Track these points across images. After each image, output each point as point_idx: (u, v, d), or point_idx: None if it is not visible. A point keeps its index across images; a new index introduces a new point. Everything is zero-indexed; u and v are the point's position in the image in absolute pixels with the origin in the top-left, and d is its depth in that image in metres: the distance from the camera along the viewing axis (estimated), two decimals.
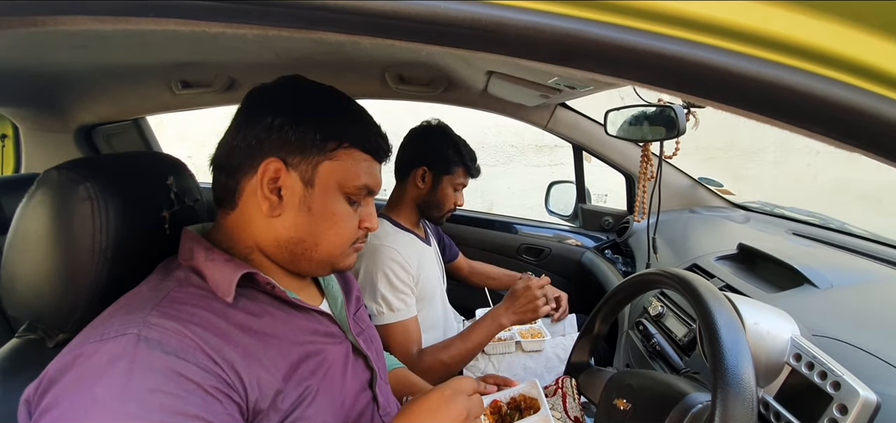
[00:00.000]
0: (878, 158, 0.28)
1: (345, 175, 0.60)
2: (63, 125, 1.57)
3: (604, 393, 0.73)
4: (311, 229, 0.59)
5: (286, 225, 0.59)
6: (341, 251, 0.63)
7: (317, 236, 0.60)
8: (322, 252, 0.61)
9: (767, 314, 0.65)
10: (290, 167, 0.57)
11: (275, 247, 0.60)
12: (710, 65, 0.27)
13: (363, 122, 0.64)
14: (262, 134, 0.57)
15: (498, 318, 1.14)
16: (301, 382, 0.56)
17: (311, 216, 0.59)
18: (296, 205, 0.58)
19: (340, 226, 0.61)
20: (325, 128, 0.59)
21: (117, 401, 0.42)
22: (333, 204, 0.60)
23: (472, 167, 1.31)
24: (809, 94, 0.26)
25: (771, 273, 1.02)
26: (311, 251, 0.60)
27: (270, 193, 0.57)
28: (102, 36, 0.97)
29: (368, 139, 0.63)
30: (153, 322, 0.47)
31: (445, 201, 1.28)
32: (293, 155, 0.57)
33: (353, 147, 0.60)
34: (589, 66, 0.28)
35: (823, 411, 0.55)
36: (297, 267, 0.62)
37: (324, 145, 0.58)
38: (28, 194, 0.54)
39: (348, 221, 0.62)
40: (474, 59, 1.14)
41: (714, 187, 1.65)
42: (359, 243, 0.66)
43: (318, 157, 0.58)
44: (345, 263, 0.65)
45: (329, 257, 0.62)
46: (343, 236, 0.62)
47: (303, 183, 0.58)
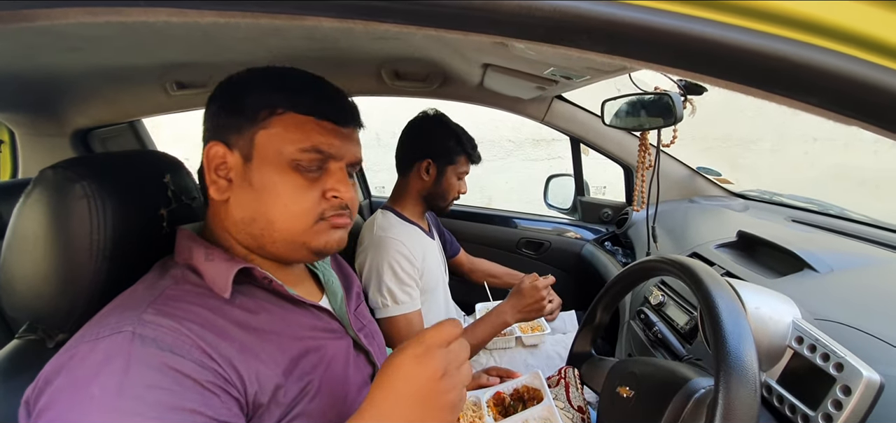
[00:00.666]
0: (875, 129, 0.28)
1: (282, 141, 0.56)
2: (59, 129, 1.57)
3: (607, 382, 0.73)
4: (258, 205, 0.56)
5: (236, 205, 0.57)
6: (303, 227, 0.57)
7: (266, 212, 0.56)
8: (281, 231, 0.57)
9: (768, 299, 0.65)
10: (233, 148, 0.57)
11: (238, 232, 0.58)
12: (706, 39, 0.27)
13: (299, 85, 0.59)
14: (208, 123, 0.59)
15: (502, 315, 1.15)
16: (302, 376, 0.56)
17: (254, 191, 0.56)
18: (239, 183, 0.57)
19: (287, 198, 0.56)
20: (257, 99, 0.57)
21: (114, 399, 0.41)
22: (274, 175, 0.56)
23: (474, 154, 1.31)
24: (806, 65, 0.26)
25: (771, 259, 1.02)
26: (268, 231, 0.57)
27: (219, 178, 0.57)
28: (96, 37, 0.97)
29: (301, 100, 0.57)
30: (148, 320, 0.47)
31: (450, 191, 1.29)
32: (231, 134, 0.57)
33: (288, 111, 0.57)
34: (584, 45, 0.27)
35: (827, 392, 0.55)
36: (267, 252, 0.59)
37: (255, 116, 0.56)
38: (24, 194, 0.53)
39: (298, 193, 0.56)
40: (470, 53, 1.14)
41: (712, 177, 1.65)
42: (333, 218, 0.59)
43: (252, 128, 0.56)
44: (318, 242, 0.58)
45: (292, 235, 0.57)
46: (295, 209, 0.56)
47: (242, 158, 0.57)
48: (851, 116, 0.27)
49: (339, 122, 0.60)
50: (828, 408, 0.53)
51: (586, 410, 0.78)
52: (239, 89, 0.59)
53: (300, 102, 0.57)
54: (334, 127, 0.59)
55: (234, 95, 0.58)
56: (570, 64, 0.93)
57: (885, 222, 1.11)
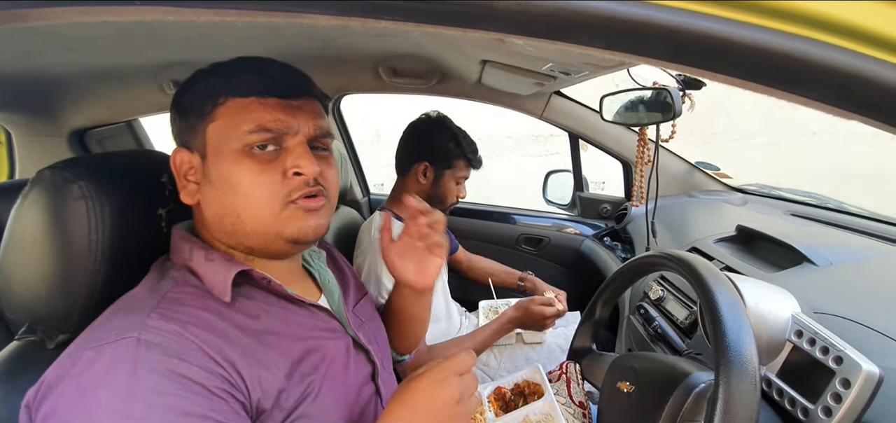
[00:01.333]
0: (875, 123, 0.28)
1: (228, 129, 0.54)
2: (56, 130, 1.56)
3: (607, 377, 0.73)
4: (221, 200, 0.55)
5: (206, 205, 0.57)
6: (270, 214, 0.55)
7: (230, 205, 0.55)
8: (250, 221, 0.55)
9: (768, 293, 0.65)
10: (193, 150, 0.56)
11: (217, 232, 0.58)
12: (706, 34, 0.27)
13: (239, 67, 0.56)
14: (172, 132, 0.59)
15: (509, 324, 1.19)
16: (304, 378, 0.56)
17: (214, 187, 0.55)
18: (202, 182, 0.56)
19: (246, 186, 0.54)
20: (199, 94, 0.56)
21: (122, 405, 0.41)
22: (228, 166, 0.54)
23: (474, 159, 1.30)
24: (805, 60, 0.26)
25: (770, 253, 1.03)
26: (239, 225, 0.55)
27: (187, 182, 0.57)
28: (92, 37, 0.96)
29: (239, 82, 0.54)
30: (152, 325, 0.46)
31: (448, 195, 1.28)
32: (188, 137, 0.56)
33: (230, 97, 0.54)
34: (583, 40, 0.27)
35: (826, 386, 0.55)
36: (246, 246, 0.58)
37: (201, 111, 0.55)
38: (22, 195, 0.53)
39: (255, 177, 0.54)
40: (468, 49, 1.13)
41: (711, 171, 1.65)
42: (304, 199, 0.56)
43: (201, 125, 0.55)
44: (290, 229, 0.56)
45: (262, 225, 0.55)
46: (255, 195, 0.54)
47: (200, 158, 0.56)
48: (851, 111, 0.27)
49: (285, 95, 0.56)
50: (827, 401, 0.54)
51: (587, 405, 0.78)
52: (185, 90, 0.58)
53: (239, 84, 0.54)
54: (280, 101, 0.56)
55: (181, 97, 0.58)
56: (569, 59, 0.93)
57: (884, 215, 1.12)
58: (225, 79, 0.55)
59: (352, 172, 1.92)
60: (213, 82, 0.55)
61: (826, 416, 0.53)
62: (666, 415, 0.58)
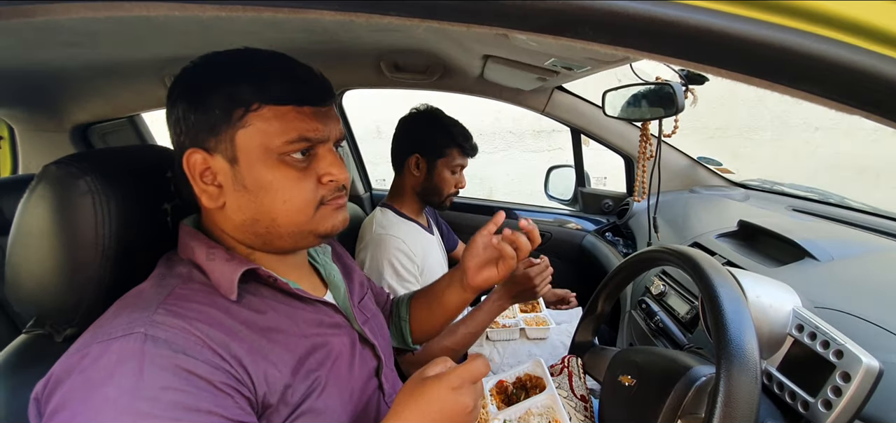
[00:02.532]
0: (878, 118, 0.28)
1: (265, 138, 0.53)
2: (58, 125, 1.56)
3: (609, 371, 0.74)
4: (256, 205, 0.55)
5: (234, 210, 0.56)
6: (307, 217, 0.57)
7: (267, 210, 0.55)
8: (286, 225, 0.56)
9: (769, 287, 0.65)
10: (213, 153, 0.54)
11: (241, 234, 0.57)
12: (710, 29, 0.27)
13: (265, 75, 0.55)
14: (176, 129, 0.55)
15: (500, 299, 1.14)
16: (309, 374, 0.56)
17: (249, 193, 0.54)
18: (231, 187, 0.55)
19: (286, 192, 0.55)
20: (225, 98, 0.53)
21: (130, 400, 0.42)
22: (267, 173, 0.54)
23: (466, 146, 1.28)
24: (809, 55, 0.26)
25: (772, 248, 1.03)
26: (274, 227, 0.56)
27: (207, 185, 0.55)
28: (94, 32, 0.96)
29: (274, 90, 0.54)
30: (159, 321, 0.47)
31: (444, 186, 1.27)
32: (207, 138, 0.54)
33: (262, 106, 0.53)
34: (587, 35, 0.27)
35: (826, 379, 0.55)
36: (275, 247, 0.59)
37: (229, 117, 0.53)
38: (29, 190, 0.53)
39: (293, 184, 0.55)
40: (470, 44, 1.13)
41: (713, 167, 1.65)
42: (332, 201, 0.59)
43: (229, 130, 0.53)
44: (324, 227, 0.58)
45: (298, 227, 0.57)
46: (295, 201, 0.55)
47: (228, 162, 0.54)
48: (855, 107, 0.27)
49: (317, 103, 0.57)
50: (827, 394, 0.54)
51: (589, 399, 0.79)
52: (203, 87, 0.54)
53: (273, 92, 0.54)
54: (314, 110, 0.56)
55: (199, 94, 0.54)
56: (571, 54, 0.93)
57: (885, 210, 1.12)
58: (254, 83, 0.53)
59: (354, 167, 1.92)
60: (240, 84, 0.53)
61: (826, 409, 0.54)
62: (667, 408, 0.59)
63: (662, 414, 0.59)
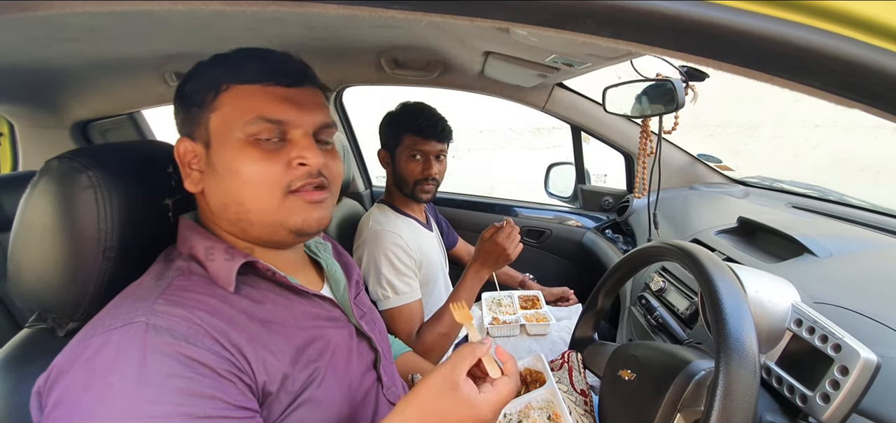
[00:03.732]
0: (878, 112, 0.28)
1: (232, 118, 0.54)
2: (59, 121, 1.57)
3: (609, 365, 0.74)
4: (224, 188, 0.55)
5: (210, 194, 0.57)
6: (273, 204, 0.55)
7: (234, 193, 0.55)
8: (256, 213, 0.55)
9: (768, 282, 0.66)
10: (196, 140, 0.57)
11: (222, 221, 0.58)
12: (711, 22, 0.27)
13: (241, 55, 0.57)
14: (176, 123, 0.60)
15: (477, 272, 1.13)
16: (309, 364, 0.57)
17: (219, 175, 0.55)
18: (207, 171, 0.57)
19: (249, 174, 0.54)
20: (201, 84, 0.56)
21: (134, 388, 0.42)
22: (232, 154, 0.54)
23: (420, 126, 1.23)
24: (810, 48, 0.26)
25: (771, 245, 1.03)
26: (243, 214, 0.56)
27: (191, 171, 0.58)
28: (95, 27, 0.96)
29: (244, 71, 0.54)
30: (160, 310, 0.47)
31: (407, 173, 1.25)
32: (192, 127, 0.57)
33: (232, 85, 0.54)
34: (588, 29, 0.28)
35: (825, 373, 0.56)
36: (251, 236, 0.58)
37: (203, 101, 0.56)
38: (31, 185, 0.54)
39: (258, 166, 0.54)
40: (471, 40, 1.13)
41: (713, 164, 1.66)
42: (307, 191, 0.57)
43: (204, 114, 0.56)
44: (294, 220, 0.56)
45: (265, 214, 0.56)
46: (258, 184, 0.54)
47: (204, 146, 0.57)
48: (853, 100, 0.27)
49: (287, 83, 0.56)
50: (825, 388, 0.54)
51: (589, 393, 0.79)
52: (187, 80, 0.58)
53: (241, 72, 0.55)
54: (284, 91, 0.56)
55: (184, 87, 0.58)
56: (572, 50, 0.93)
57: (885, 207, 1.12)
58: (227, 67, 0.56)
59: (354, 164, 1.92)
60: (215, 72, 0.56)
61: (824, 402, 0.54)
62: (667, 402, 0.59)
63: (662, 408, 0.59)
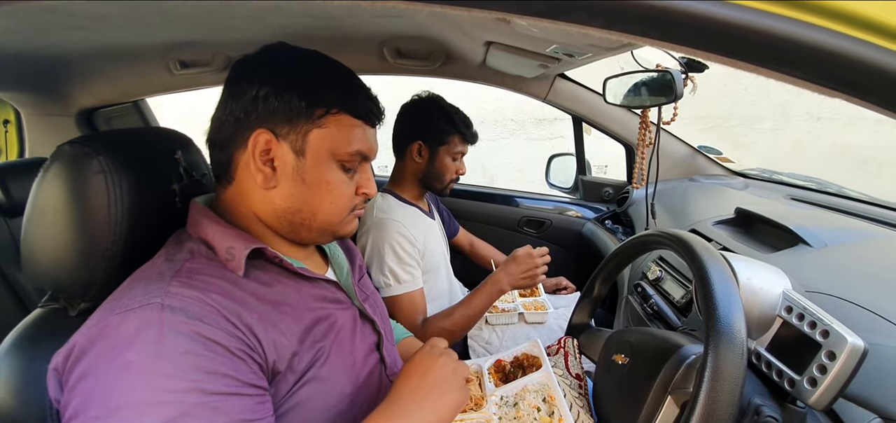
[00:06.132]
0: (861, 102, 0.30)
1: (335, 142, 0.60)
2: (64, 109, 1.58)
3: (603, 350, 0.76)
4: (307, 198, 0.60)
5: (282, 196, 0.59)
6: (340, 219, 0.64)
7: (313, 205, 0.61)
8: (321, 221, 0.62)
9: (761, 271, 0.67)
10: (280, 138, 0.58)
11: (274, 218, 0.61)
12: (701, 15, 0.28)
13: (351, 86, 0.62)
14: (249, 106, 0.57)
15: (498, 283, 1.17)
16: (314, 344, 0.59)
17: (306, 186, 0.59)
18: (289, 176, 0.59)
19: (336, 194, 0.61)
20: (311, 95, 0.58)
21: (152, 364, 0.44)
22: (327, 173, 0.60)
23: (468, 133, 1.30)
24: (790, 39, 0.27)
25: (767, 235, 1.04)
26: (309, 221, 0.61)
27: (263, 166, 0.58)
28: (100, 16, 0.98)
29: (357, 103, 0.61)
30: (174, 291, 0.49)
31: (445, 172, 1.29)
32: (281, 125, 0.57)
33: (341, 113, 0.60)
34: (581, 19, 0.29)
35: (813, 358, 0.57)
36: (297, 236, 0.64)
37: (310, 113, 0.58)
38: (43, 169, 0.55)
39: (344, 188, 0.62)
40: (473, 31, 1.14)
41: (713, 155, 1.66)
42: (358, 210, 0.66)
43: (306, 125, 0.58)
44: (345, 229, 0.66)
45: (328, 226, 0.63)
46: (339, 203, 0.62)
47: (294, 153, 0.58)
48: (832, 88, 0.29)
49: (374, 125, 0.65)
50: (813, 372, 0.56)
51: (584, 378, 0.81)
52: (292, 77, 0.58)
53: (353, 105, 0.61)
54: (373, 131, 0.65)
55: (286, 83, 0.58)
56: (572, 41, 0.94)
57: (883, 199, 1.13)
58: (340, 91, 0.61)
59: None
60: (329, 88, 0.60)
61: (811, 386, 0.56)
62: (658, 384, 0.61)
63: (653, 390, 0.61)
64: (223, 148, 0.60)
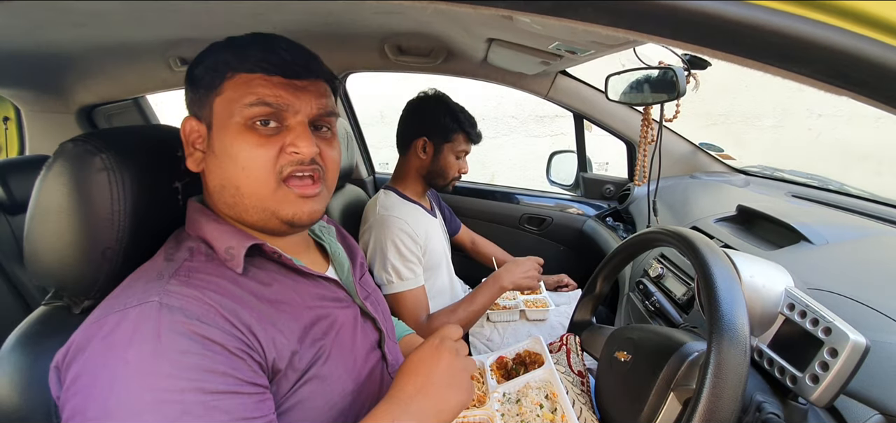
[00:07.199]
0: (864, 99, 0.30)
1: (233, 102, 0.56)
2: (64, 106, 1.58)
3: (605, 347, 0.76)
4: (223, 170, 0.57)
5: (209, 175, 0.59)
6: (267, 191, 0.57)
7: (230, 176, 0.57)
8: (248, 196, 0.57)
9: (763, 267, 0.67)
10: (201, 120, 0.59)
11: (219, 203, 0.60)
12: (704, 12, 0.28)
13: (248, 41, 0.58)
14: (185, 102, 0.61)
15: (499, 281, 1.19)
16: (315, 342, 0.59)
17: (217, 158, 0.57)
18: (208, 152, 0.59)
19: (244, 158, 0.55)
20: (211, 67, 0.58)
21: (150, 363, 0.44)
22: (230, 138, 0.56)
23: (472, 133, 1.31)
24: (799, 37, 0.27)
25: (769, 233, 1.04)
26: (238, 197, 0.57)
27: (194, 150, 0.59)
28: (100, 12, 0.97)
29: (250, 57, 0.56)
30: (172, 290, 0.49)
31: (449, 170, 1.29)
32: (198, 107, 0.59)
33: (237, 72, 0.56)
34: (587, 16, 0.29)
35: (815, 355, 0.57)
36: (243, 220, 0.59)
37: (211, 83, 0.58)
38: (46, 167, 0.55)
39: (252, 150, 0.55)
40: (475, 27, 1.13)
41: (714, 153, 1.66)
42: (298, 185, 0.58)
43: (209, 96, 0.58)
44: (285, 211, 0.58)
45: (260, 201, 0.57)
46: (252, 168, 0.56)
47: (206, 128, 0.59)
48: (841, 86, 0.29)
49: (289, 74, 0.57)
50: (815, 369, 0.56)
51: (586, 374, 0.81)
52: (198, 61, 0.60)
53: (246, 59, 0.56)
54: (284, 80, 0.57)
55: (194, 68, 0.60)
56: (575, 38, 0.93)
57: (884, 196, 1.13)
58: (235, 54, 0.57)
59: (357, 150, 1.93)
60: (225, 56, 0.57)
61: (813, 383, 0.56)
62: (660, 381, 0.61)
63: (656, 387, 0.61)
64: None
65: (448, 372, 0.60)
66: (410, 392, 0.58)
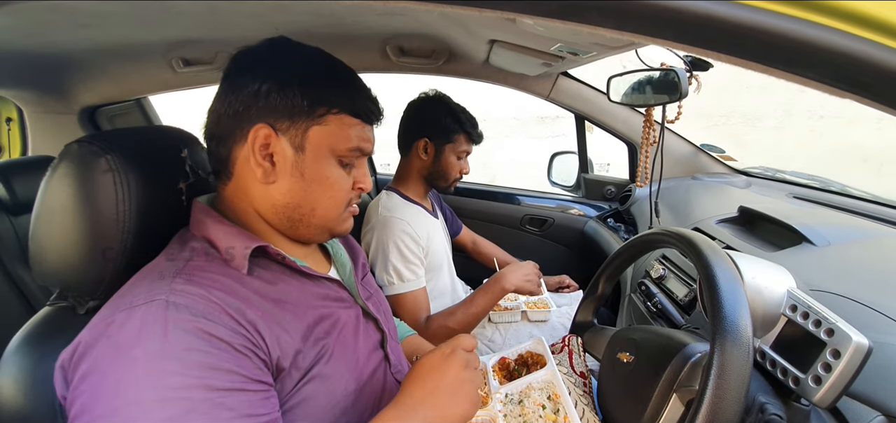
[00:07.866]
0: (868, 101, 0.30)
1: (335, 140, 0.60)
2: (67, 107, 1.58)
3: (608, 348, 0.76)
4: (306, 194, 0.61)
5: (282, 191, 0.60)
6: (337, 215, 0.64)
7: (312, 201, 0.61)
8: (319, 217, 0.63)
9: (765, 269, 0.67)
10: (279, 133, 0.58)
11: (273, 214, 0.61)
12: (708, 15, 0.28)
13: (351, 85, 0.63)
14: (249, 100, 0.57)
15: (500, 282, 1.19)
16: (318, 341, 0.59)
17: (305, 182, 0.60)
18: (288, 171, 0.59)
19: (334, 190, 0.62)
20: (313, 93, 0.59)
21: (157, 361, 0.44)
22: (326, 169, 0.61)
23: (474, 133, 1.31)
24: (803, 40, 0.28)
25: (771, 234, 1.04)
26: (308, 217, 0.62)
27: (263, 160, 0.58)
28: (104, 13, 0.98)
29: (357, 103, 0.63)
30: (178, 289, 0.49)
31: (450, 170, 1.29)
32: (281, 120, 0.58)
33: (342, 113, 0.61)
34: (593, 20, 0.29)
35: (817, 356, 0.58)
36: (296, 233, 0.64)
37: (312, 111, 0.59)
38: (51, 168, 0.55)
39: (342, 183, 0.63)
40: (477, 29, 1.14)
41: (716, 154, 1.66)
42: (353, 206, 0.67)
43: (306, 122, 0.59)
44: (342, 227, 0.66)
45: (326, 222, 0.64)
46: (337, 199, 0.63)
47: (293, 148, 0.59)
48: (845, 89, 0.29)
49: (372, 122, 0.66)
50: (818, 370, 0.56)
51: (588, 376, 0.81)
52: (294, 73, 0.59)
53: (355, 104, 0.62)
54: (371, 127, 0.66)
55: (289, 79, 0.58)
56: (577, 39, 0.94)
57: (885, 198, 1.13)
58: (343, 91, 0.62)
59: None
60: (332, 87, 0.61)
61: (816, 384, 0.56)
62: (663, 383, 0.61)
63: (658, 388, 0.61)
64: (222, 142, 0.60)
65: (456, 383, 0.60)
66: (418, 398, 0.58)
